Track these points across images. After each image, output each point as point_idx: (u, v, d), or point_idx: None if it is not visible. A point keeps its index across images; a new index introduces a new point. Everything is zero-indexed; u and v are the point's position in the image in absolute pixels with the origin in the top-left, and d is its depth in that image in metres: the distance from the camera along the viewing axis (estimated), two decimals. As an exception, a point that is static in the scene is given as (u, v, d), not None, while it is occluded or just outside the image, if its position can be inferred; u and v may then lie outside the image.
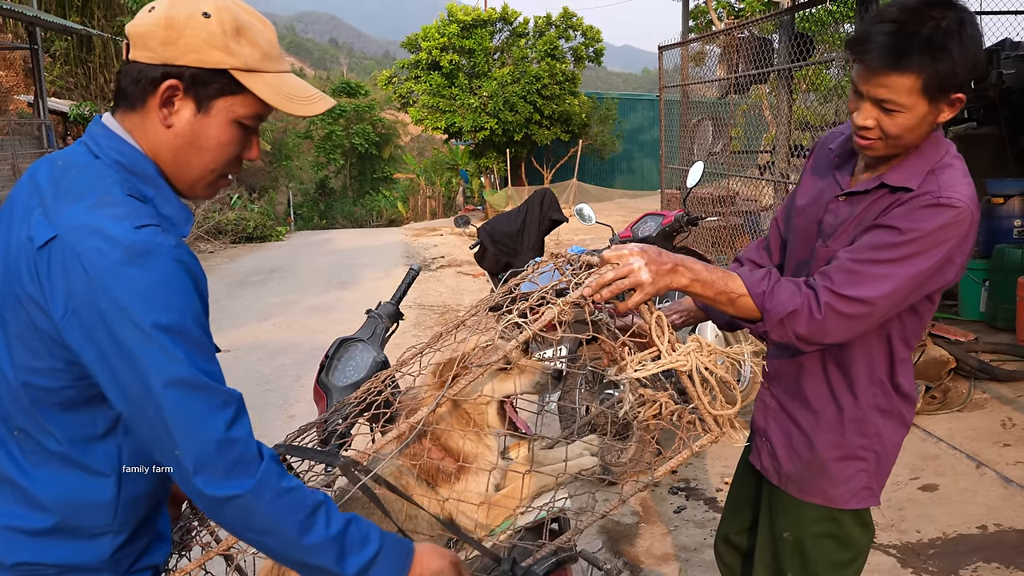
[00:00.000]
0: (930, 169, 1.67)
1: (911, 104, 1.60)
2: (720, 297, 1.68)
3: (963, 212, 1.62)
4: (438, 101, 21.94)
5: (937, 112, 1.63)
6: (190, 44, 1.30)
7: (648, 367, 1.50)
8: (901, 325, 1.78)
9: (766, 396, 2.00)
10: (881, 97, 1.61)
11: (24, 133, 13.29)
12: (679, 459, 1.54)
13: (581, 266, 1.62)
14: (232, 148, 1.39)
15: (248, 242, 18.00)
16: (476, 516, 1.78)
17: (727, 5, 17.54)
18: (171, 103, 1.33)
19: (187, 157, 1.37)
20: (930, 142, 1.71)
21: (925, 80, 1.57)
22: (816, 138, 7.56)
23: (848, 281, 1.64)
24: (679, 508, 4.19)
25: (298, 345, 7.74)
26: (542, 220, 6.03)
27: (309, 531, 1.27)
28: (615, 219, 7.06)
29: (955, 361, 5.45)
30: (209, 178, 1.41)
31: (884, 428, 1.85)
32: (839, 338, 1.67)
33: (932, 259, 1.62)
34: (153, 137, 1.35)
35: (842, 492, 1.86)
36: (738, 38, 8.17)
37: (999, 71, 7.96)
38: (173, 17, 1.31)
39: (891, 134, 1.64)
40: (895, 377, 1.83)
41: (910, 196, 1.66)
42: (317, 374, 2.18)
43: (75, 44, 19.72)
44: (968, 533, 3.80)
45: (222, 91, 1.34)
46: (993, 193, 7.17)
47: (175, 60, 1.31)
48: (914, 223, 1.62)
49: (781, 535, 1.95)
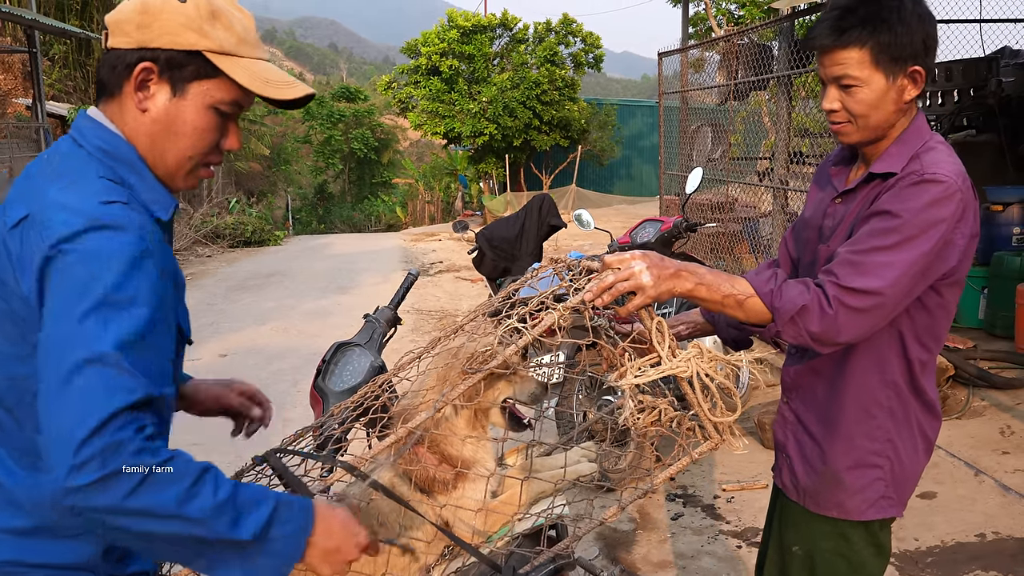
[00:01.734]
0: (913, 154, 1.71)
1: (865, 77, 1.67)
2: (728, 300, 1.64)
3: (950, 186, 1.63)
4: (437, 106, 21.97)
5: (899, 88, 1.68)
6: (165, 27, 1.32)
7: (648, 373, 1.49)
8: (911, 322, 1.74)
9: (785, 410, 1.95)
10: (836, 75, 1.68)
11: (22, 136, 13.25)
12: (678, 466, 1.53)
13: (581, 271, 1.61)
14: (209, 135, 1.39)
15: (246, 246, 17.98)
16: (473, 522, 1.77)
17: (727, 12, 17.58)
18: (146, 87, 1.34)
19: (163, 143, 1.37)
20: (912, 130, 1.74)
21: (872, 51, 1.65)
22: (815, 145, 7.58)
23: (852, 273, 1.61)
24: (676, 515, 4.17)
25: (295, 350, 7.72)
26: (540, 226, 6.02)
27: (195, 499, 1.16)
28: (614, 225, 7.08)
29: (954, 368, 5.44)
30: (187, 166, 1.40)
31: (896, 433, 1.79)
32: (853, 334, 1.63)
33: (930, 241, 1.61)
34: (131, 123, 1.36)
35: (858, 503, 1.80)
36: (738, 45, 8.18)
37: (998, 79, 7.98)
38: (149, 2, 1.33)
39: (856, 112, 1.70)
40: (915, 381, 1.78)
41: (896, 179, 1.68)
42: (314, 379, 2.17)
43: (74, 48, 19.69)
44: (966, 541, 3.79)
45: (197, 74, 1.35)
46: (992, 200, 7.17)
47: (150, 43, 1.32)
48: (903, 203, 1.63)
49: (791, 549, 1.91)
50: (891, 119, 1.72)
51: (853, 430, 1.80)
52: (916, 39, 1.65)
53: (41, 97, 13.83)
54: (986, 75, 8.04)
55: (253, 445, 1.93)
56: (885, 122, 1.71)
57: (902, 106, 1.71)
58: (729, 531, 4.02)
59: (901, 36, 1.64)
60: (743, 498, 4.29)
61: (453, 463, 1.80)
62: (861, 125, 1.71)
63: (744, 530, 4.00)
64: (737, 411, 1.52)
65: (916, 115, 1.76)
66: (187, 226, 17.41)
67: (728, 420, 1.49)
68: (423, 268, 13.43)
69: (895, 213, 1.62)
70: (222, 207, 20.19)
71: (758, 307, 1.64)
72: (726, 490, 4.40)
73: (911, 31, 1.65)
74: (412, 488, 1.81)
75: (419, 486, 1.82)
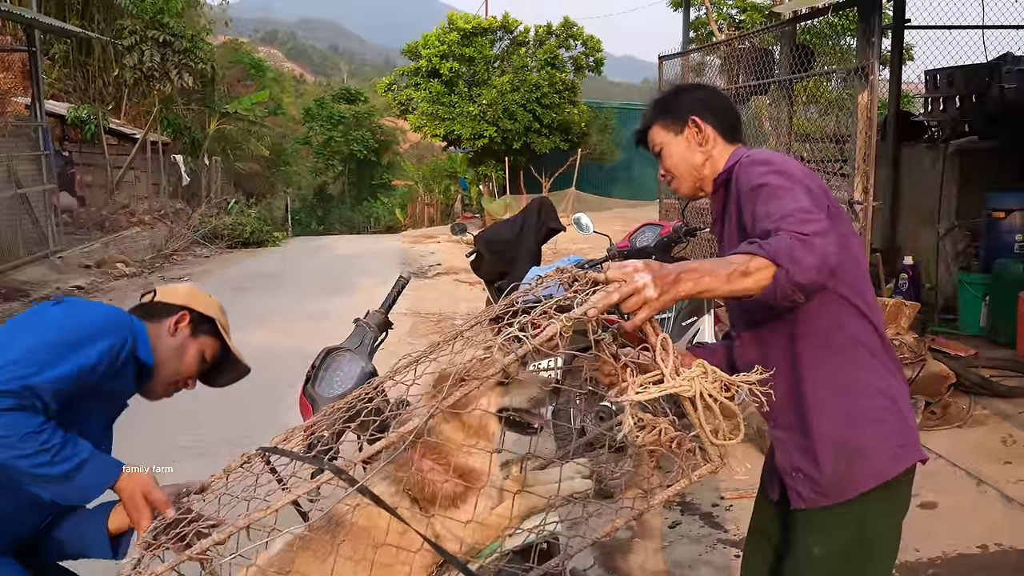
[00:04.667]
0: (727, 168, 2.04)
1: (665, 140, 2.11)
2: (733, 276, 1.64)
3: (773, 156, 1.94)
4: (437, 108, 21.94)
5: (687, 136, 2.07)
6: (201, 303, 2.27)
7: (650, 390, 1.45)
8: (844, 273, 1.84)
9: (777, 435, 2.03)
10: (654, 150, 2.14)
11: (21, 135, 13.19)
12: (677, 488, 1.50)
13: (587, 283, 1.57)
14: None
15: (245, 247, 17.94)
16: (463, 535, 1.72)
17: (727, 17, 17.56)
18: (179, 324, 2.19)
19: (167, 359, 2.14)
20: (721, 160, 2.07)
21: (660, 122, 2.12)
22: (815, 150, 7.54)
23: (789, 223, 1.70)
24: (674, 523, 4.11)
25: (293, 351, 7.64)
26: (539, 229, 5.98)
27: (36, 436, 1.74)
28: (613, 229, 7.03)
29: (955, 376, 5.38)
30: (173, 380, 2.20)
31: (886, 383, 1.93)
32: (834, 255, 1.69)
33: (800, 180, 1.82)
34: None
35: (883, 461, 1.90)
36: (739, 49, 8.14)
37: (1001, 85, 7.94)
38: (195, 293, 2.31)
39: (673, 170, 2.11)
40: (877, 328, 1.94)
41: (731, 174, 1.99)
42: (303, 385, 2.12)
43: (74, 47, 19.64)
44: (968, 552, 3.74)
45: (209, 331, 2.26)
46: (994, 207, 7.13)
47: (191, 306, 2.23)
48: (759, 175, 1.86)
49: (810, 552, 1.96)
50: (700, 160, 2.08)
51: (839, 401, 1.90)
52: (686, 103, 2.10)
53: (40, 96, 13.79)
54: (988, 81, 8.00)
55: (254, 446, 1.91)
56: (698, 163, 2.08)
57: (704, 144, 2.07)
58: (728, 540, 3.96)
59: (673, 105, 2.11)
60: (742, 506, 4.23)
61: (459, 473, 1.76)
62: (684, 176, 2.11)
63: (742, 539, 3.94)
64: (740, 434, 1.48)
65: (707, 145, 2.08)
66: (185, 226, 17.38)
67: (731, 443, 1.45)
68: (421, 270, 13.38)
69: (762, 183, 1.83)
70: (221, 208, 20.15)
71: (761, 265, 1.65)
72: (725, 498, 4.35)
73: (681, 101, 2.11)
74: (402, 495, 1.77)
75: (411, 496, 1.77)
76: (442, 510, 1.74)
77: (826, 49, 12.46)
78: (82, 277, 12.38)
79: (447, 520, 1.74)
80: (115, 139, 19.21)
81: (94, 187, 18.08)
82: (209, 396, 2.66)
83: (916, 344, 5.35)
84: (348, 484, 1.52)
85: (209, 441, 5.39)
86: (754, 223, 1.82)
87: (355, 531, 1.74)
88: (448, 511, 1.74)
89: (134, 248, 15.11)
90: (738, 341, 2.11)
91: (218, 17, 27.65)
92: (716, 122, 2.08)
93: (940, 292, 7.64)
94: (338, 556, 1.70)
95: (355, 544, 1.73)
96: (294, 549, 1.77)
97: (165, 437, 5.54)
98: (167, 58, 17.81)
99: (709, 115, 2.08)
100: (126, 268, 13.38)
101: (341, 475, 1.51)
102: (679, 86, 2.30)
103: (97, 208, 16.88)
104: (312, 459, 1.64)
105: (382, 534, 1.69)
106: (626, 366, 1.56)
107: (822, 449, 1.91)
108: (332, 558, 1.70)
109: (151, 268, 13.94)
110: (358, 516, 1.77)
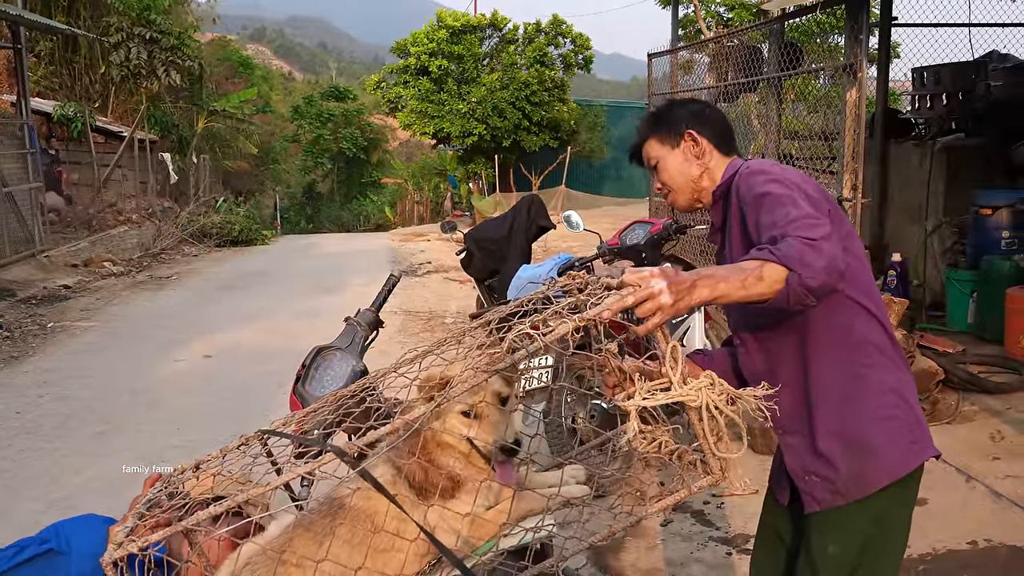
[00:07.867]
0: (726, 180, 2.07)
1: (661, 154, 2.14)
2: (748, 281, 1.65)
3: (772, 166, 1.96)
4: (427, 106, 21.88)
5: (684, 149, 2.11)
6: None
7: (657, 397, 1.45)
8: (851, 274, 1.87)
9: (786, 440, 2.04)
10: (649, 165, 2.18)
11: (6, 133, 13.08)
12: (676, 498, 1.51)
13: (600, 287, 1.57)
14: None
15: (233, 246, 17.84)
16: (459, 527, 1.72)
17: (715, 15, 17.59)
18: None
19: None
20: (718, 172, 2.10)
21: (655, 136, 2.15)
22: (804, 147, 7.56)
23: (796, 228, 1.72)
24: (666, 521, 4.12)
25: (282, 351, 7.62)
26: (529, 227, 5.97)
27: None
28: (603, 226, 7.01)
29: (944, 373, 5.41)
30: None
31: (896, 381, 1.95)
32: (843, 258, 1.72)
33: (800, 187, 1.85)
34: None
35: (894, 457, 1.92)
36: (727, 46, 8.15)
37: (987, 83, 7.98)
38: None
39: (670, 184, 2.14)
40: (886, 329, 1.97)
41: (730, 185, 2.01)
42: (294, 383, 2.10)
43: (60, 44, 19.48)
44: (958, 549, 3.75)
45: None
46: (981, 204, 7.15)
47: None
48: (760, 185, 1.88)
49: (825, 551, 1.98)
50: (696, 173, 2.11)
51: (850, 401, 1.92)
52: (680, 118, 2.13)
53: (26, 94, 13.68)
54: (975, 79, 8.03)
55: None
56: (694, 175, 2.11)
57: (701, 157, 2.10)
58: (719, 537, 3.97)
59: (667, 120, 2.15)
60: (733, 504, 4.24)
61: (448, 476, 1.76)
62: (680, 189, 2.14)
63: (734, 536, 3.96)
64: (743, 447, 1.48)
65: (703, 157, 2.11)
66: (173, 225, 17.27)
67: (734, 456, 1.45)
68: (411, 268, 13.35)
69: (764, 192, 1.85)
70: (209, 206, 20.04)
71: (773, 270, 1.66)
72: (716, 496, 4.35)
73: (675, 115, 2.15)
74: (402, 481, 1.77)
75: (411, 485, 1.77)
76: (440, 499, 1.73)
77: (814, 47, 12.49)
78: (69, 276, 12.29)
79: (444, 511, 1.73)
80: (102, 137, 19.06)
81: (81, 185, 17.94)
82: (200, 397, 2.65)
83: (904, 341, 5.37)
84: (349, 467, 1.51)
85: (199, 441, 5.37)
86: (759, 232, 1.84)
87: (354, 514, 1.74)
88: (446, 501, 1.74)
89: (121, 247, 15.02)
90: (742, 348, 2.11)
91: (206, 14, 27.50)
92: (711, 135, 2.11)
93: (928, 289, 7.67)
94: (335, 539, 1.69)
95: (353, 528, 1.73)
96: (291, 530, 1.77)
97: (156, 437, 5.52)
98: (154, 55, 17.69)
99: (704, 128, 2.12)
100: (113, 267, 13.29)
101: (343, 457, 1.51)
102: (673, 100, 2.33)
103: (84, 207, 16.74)
104: (313, 440, 1.63)
105: (381, 519, 1.69)
106: (628, 376, 1.58)
107: (834, 449, 1.93)
108: (329, 540, 1.69)
109: (139, 267, 13.86)
110: (358, 499, 1.76)
